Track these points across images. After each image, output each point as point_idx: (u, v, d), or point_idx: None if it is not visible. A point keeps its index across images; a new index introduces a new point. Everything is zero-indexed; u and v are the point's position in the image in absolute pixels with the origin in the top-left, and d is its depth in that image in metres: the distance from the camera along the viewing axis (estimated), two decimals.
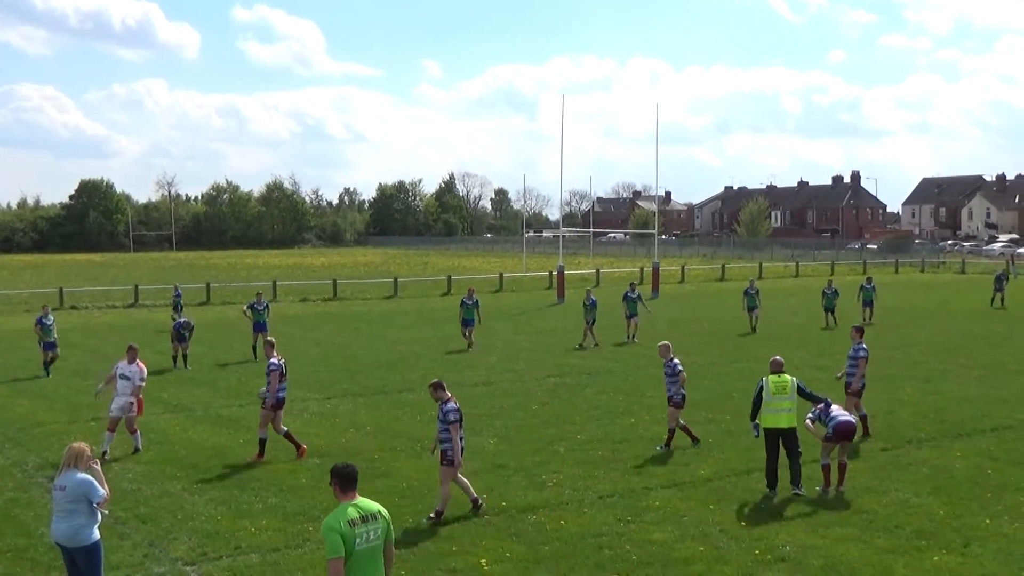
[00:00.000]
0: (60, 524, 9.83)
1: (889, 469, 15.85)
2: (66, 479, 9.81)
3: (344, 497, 8.30)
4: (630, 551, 12.05)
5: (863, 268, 77.88)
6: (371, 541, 8.07)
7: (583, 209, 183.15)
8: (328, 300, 54.49)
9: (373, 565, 8.06)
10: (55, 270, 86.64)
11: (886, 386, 23.51)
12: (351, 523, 8.03)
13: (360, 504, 8.25)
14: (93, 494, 9.80)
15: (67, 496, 9.76)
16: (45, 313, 28.04)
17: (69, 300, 51.52)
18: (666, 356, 17.98)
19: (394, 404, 22.07)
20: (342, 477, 8.39)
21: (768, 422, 14.63)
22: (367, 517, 8.16)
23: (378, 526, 8.19)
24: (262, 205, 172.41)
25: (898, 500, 14.10)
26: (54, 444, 18.21)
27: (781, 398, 14.64)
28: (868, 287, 39.15)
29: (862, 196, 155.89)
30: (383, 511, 8.34)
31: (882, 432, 18.51)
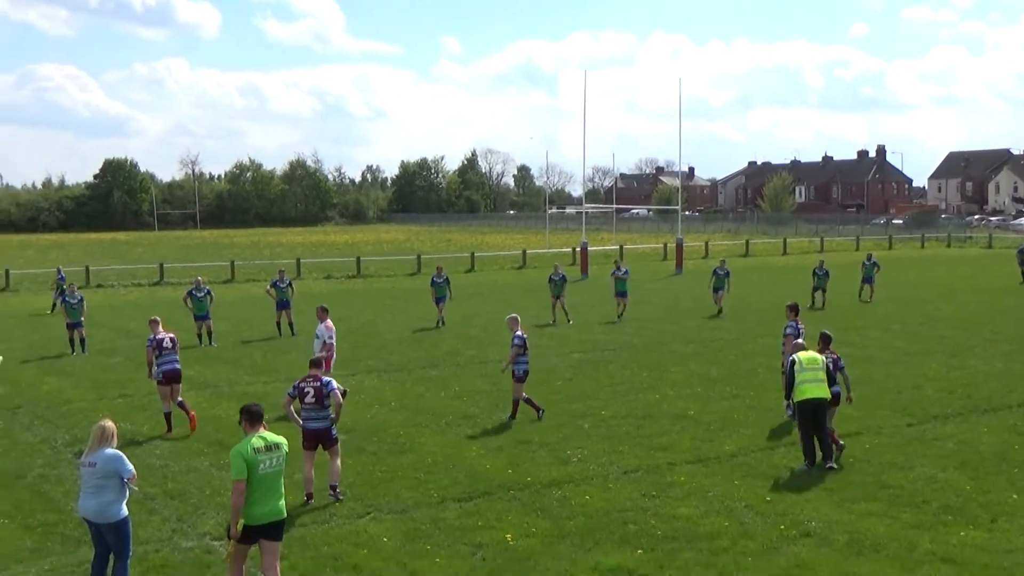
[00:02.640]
0: (89, 500, 9.92)
1: (915, 444, 15.79)
2: (96, 456, 9.90)
3: (251, 430, 9.73)
4: (655, 526, 12.07)
5: (888, 243, 77.47)
6: (273, 467, 9.60)
7: (606, 185, 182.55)
8: (352, 277, 54.63)
9: (274, 487, 9.60)
10: (81, 249, 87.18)
11: (912, 361, 23.40)
12: (255, 450, 9.53)
13: (264, 436, 9.71)
14: (123, 470, 9.89)
15: (97, 472, 9.85)
16: (71, 291, 28.18)
17: (95, 279, 51.86)
18: (514, 329, 18.33)
19: (418, 380, 22.13)
20: (250, 414, 9.85)
21: (803, 394, 14.62)
22: (271, 447, 9.64)
23: (279, 455, 9.68)
24: (285, 183, 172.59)
25: (924, 475, 14.05)
26: (82, 421, 18.37)
27: (813, 370, 14.69)
28: (868, 264, 38.47)
29: (887, 170, 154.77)
30: (283, 442, 9.83)
31: (908, 407, 18.45)
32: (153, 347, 17.76)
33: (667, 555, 11.10)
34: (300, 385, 13.17)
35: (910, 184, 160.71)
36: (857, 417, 17.57)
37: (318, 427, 13.14)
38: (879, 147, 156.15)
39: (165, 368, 17.64)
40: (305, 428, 13.17)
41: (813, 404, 14.57)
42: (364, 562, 11.06)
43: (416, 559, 11.13)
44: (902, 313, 33.24)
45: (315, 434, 13.16)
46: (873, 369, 22.36)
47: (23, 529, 12.49)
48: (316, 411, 13.11)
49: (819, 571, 10.56)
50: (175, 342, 18.01)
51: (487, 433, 17.02)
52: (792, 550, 11.19)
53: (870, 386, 20.42)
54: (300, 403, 13.18)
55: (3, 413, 19.53)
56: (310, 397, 13.07)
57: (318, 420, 13.13)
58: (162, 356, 17.67)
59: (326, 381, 13.21)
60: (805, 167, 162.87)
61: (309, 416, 13.15)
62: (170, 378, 17.67)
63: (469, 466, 14.89)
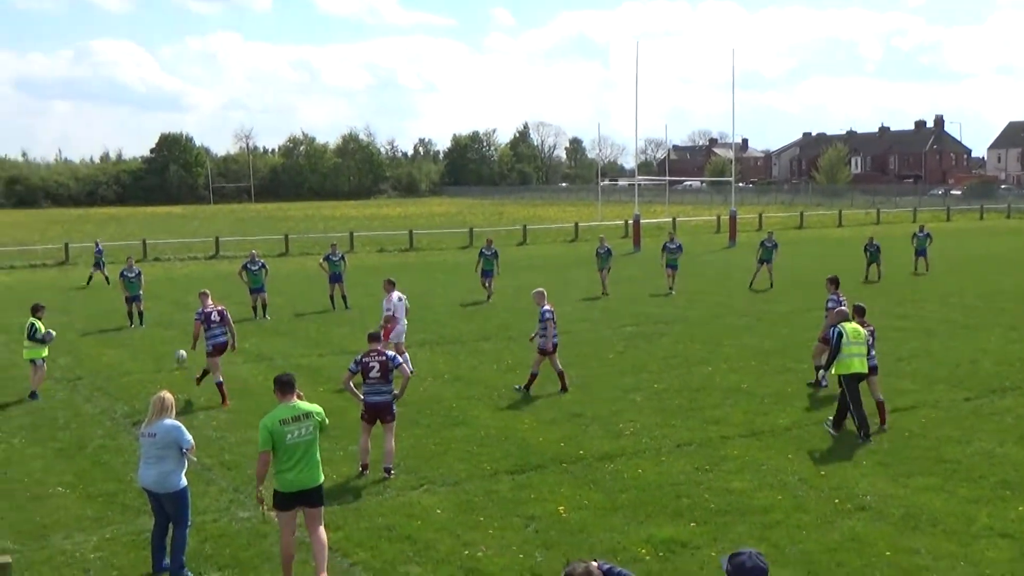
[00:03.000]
0: (149, 470, 10.10)
1: (972, 418, 15.61)
2: (156, 426, 10.08)
3: (282, 399, 9.90)
4: (708, 499, 12.05)
5: (946, 215, 76.39)
6: (303, 436, 9.75)
7: (659, 157, 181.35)
8: (405, 251, 54.85)
9: (306, 456, 9.75)
10: (138, 223, 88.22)
11: (969, 335, 23.10)
12: (282, 421, 9.70)
13: (295, 405, 9.86)
14: (182, 440, 10.07)
15: (157, 443, 10.03)
16: (129, 265, 28.53)
17: (152, 252, 52.51)
18: (540, 303, 18.28)
19: (471, 353, 22.21)
20: (281, 384, 10.00)
21: (851, 367, 14.61)
22: (299, 416, 9.78)
23: (309, 424, 9.81)
24: (338, 157, 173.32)
25: (982, 450, 13.89)
26: (140, 393, 18.66)
27: (859, 344, 14.75)
28: (921, 235, 37.99)
29: (946, 141, 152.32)
30: (315, 409, 9.97)
31: (965, 381, 18.23)
32: (201, 320, 18.19)
33: (720, 528, 11.09)
34: (364, 360, 13.17)
35: (969, 154, 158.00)
36: (914, 391, 17.42)
37: (379, 400, 13.20)
38: (937, 117, 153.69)
39: (215, 341, 18.02)
40: (366, 401, 13.24)
41: (860, 377, 14.67)
42: (417, 533, 11.16)
43: (469, 531, 11.21)
44: (960, 286, 32.79)
45: (376, 407, 13.22)
46: (930, 342, 22.12)
47: (84, 498, 12.74)
48: (380, 385, 13.16)
49: (874, 545, 10.49)
50: (223, 315, 18.37)
51: (539, 406, 17.06)
52: (846, 524, 11.13)
53: (927, 360, 20.22)
54: (363, 378, 13.18)
55: (65, 384, 19.90)
56: (375, 372, 13.09)
57: (380, 394, 13.19)
58: (211, 329, 18.06)
59: (391, 356, 13.31)
60: (861, 138, 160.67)
61: (372, 390, 13.19)
62: (219, 350, 18.05)
63: (522, 439, 14.95)
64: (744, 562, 5.25)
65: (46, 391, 19.09)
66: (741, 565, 5.25)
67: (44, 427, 16.46)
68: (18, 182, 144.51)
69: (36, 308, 19.18)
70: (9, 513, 12.21)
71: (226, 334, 18.27)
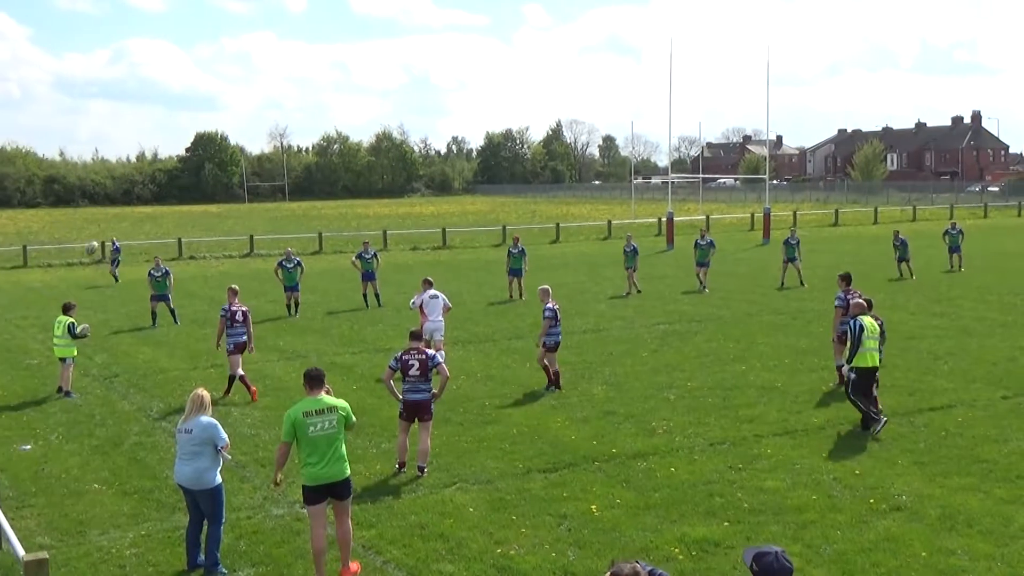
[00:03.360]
0: (184, 467, 10.19)
1: (1010, 417, 15.45)
2: (192, 423, 10.18)
3: (310, 393, 10.11)
4: (741, 499, 11.99)
5: (984, 211, 75.63)
6: (325, 430, 9.89)
7: (692, 154, 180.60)
8: (438, 248, 54.95)
9: (329, 449, 9.87)
10: (173, 221, 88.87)
11: (1007, 332, 22.86)
12: (305, 414, 9.91)
13: (321, 399, 10.04)
14: (218, 438, 10.16)
15: (193, 439, 10.12)
16: (156, 264, 28.61)
17: (187, 250, 52.87)
18: (544, 300, 18.33)
19: (504, 351, 22.21)
20: (309, 378, 10.22)
21: (867, 361, 14.87)
22: (323, 410, 9.95)
23: (333, 418, 9.96)
24: (372, 155, 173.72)
25: (1019, 449, 13.75)
26: (176, 390, 18.82)
27: (873, 338, 15.00)
28: (954, 232, 37.45)
29: (983, 137, 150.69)
30: (340, 404, 10.11)
31: (1003, 379, 18.05)
32: (226, 318, 18.40)
33: (753, 528, 11.03)
34: (403, 357, 13.21)
35: (1007, 151, 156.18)
36: (950, 390, 17.27)
37: (418, 399, 13.25)
38: (974, 112, 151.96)
39: (236, 340, 18.31)
40: (405, 399, 13.30)
41: (874, 371, 14.97)
42: (450, 531, 11.18)
43: (502, 529, 11.21)
44: (997, 283, 32.45)
45: (415, 405, 13.27)
46: (967, 341, 21.91)
47: (120, 495, 12.85)
48: (419, 383, 13.22)
49: (910, 546, 10.40)
50: (247, 315, 18.59)
51: (572, 404, 17.03)
52: (882, 524, 11.04)
53: (964, 358, 20.03)
54: (403, 375, 13.24)
55: (102, 382, 20.09)
56: (415, 370, 13.14)
57: (419, 392, 13.25)
58: (233, 328, 18.31)
59: (431, 355, 13.37)
60: (897, 134, 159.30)
61: (411, 388, 13.25)
62: (240, 348, 18.34)
63: (554, 437, 14.94)
64: (771, 563, 5.20)
65: (83, 388, 19.29)
66: (769, 566, 5.19)
67: (81, 424, 16.62)
68: (56, 181, 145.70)
69: (69, 307, 19.38)
70: (46, 510, 12.34)
71: (247, 334, 18.48)
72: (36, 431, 16.23)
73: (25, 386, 19.82)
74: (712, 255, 33.30)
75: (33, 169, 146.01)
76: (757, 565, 5.22)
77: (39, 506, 12.48)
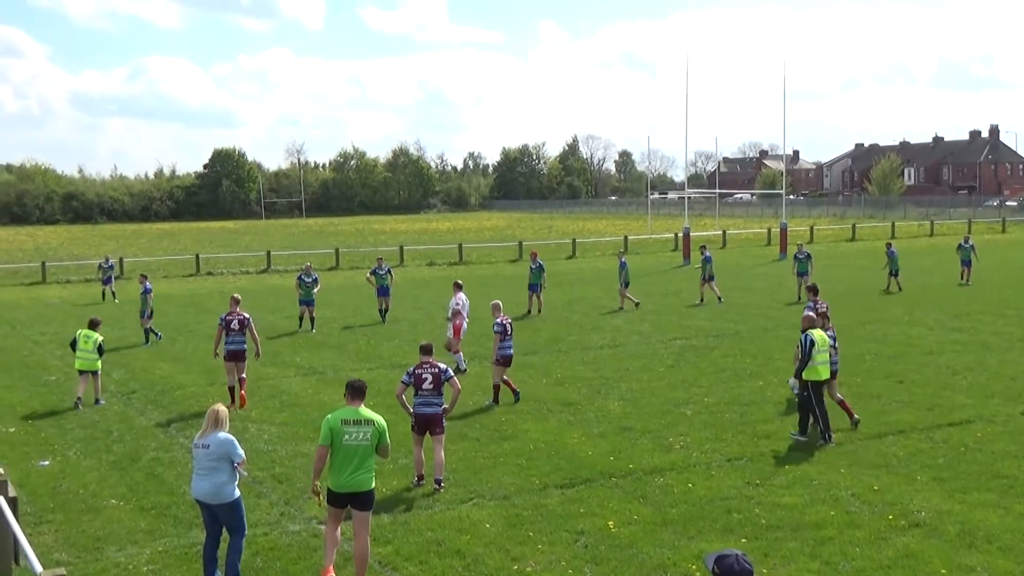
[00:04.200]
0: (202, 482, 10.21)
1: None
2: (209, 438, 10.22)
3: (350, 403, 10.31)
4: (759, 515, 11.94)
5: (1002, 226, 75.32)
6: (359, 441, 10.05)
7: (709, 170, 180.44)
8: (454, 264, 55.00)
9: (358, 460, 10.03)
10: (191, 237, 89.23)
11: None
12: (343, 421, 10.09)
13: (359, 411, 10.22)
14: (234, 453, 10.21)
15: (210, 454, 10.16)
16: (141, 281, 28.87)
17: (205, 266, 53.05)
18: (495, 315, 18.75)
19: (520, 366, 22.15)
20: (352, 388, 10.42)
21: (818, 375, 15.21)
22: (359, 421, 10.12)
23: (368, 430, 10.10)
24: (388, 171, 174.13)
25: None
26: (193, 406, 18.86)
27: (824, 352, 15.30)
28: (966, 246, 37.87)
29: (1001, 151, 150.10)
30: (377, 420, 10.21)
31: (1022, 394, 17.94)
32: (223, 327, 18.90)
33: (771, 544, 10.98)
34: (416, 372, 13.32)
35: None
36: (969, 405, 17.17)
37: (431, 412, 13.32)
38: (992, 127, 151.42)
39: (230, 348, 18.79)
40: (417, 413, 13.35)
41: (824, 383, 15.33)
42: (467, 547, 11.15)
43: (518, 545, 11.18)
44: (1016, 298, 32.29)
45: (427, 419, 13.33)
46: (986, 356, 21.80)
47: (138, 511, 12.87)
48: (432, 397, 13.31)
49: (929, 562, 10.33)
50: (243, 324, 18.94)
51: (589, 420, 17.00)
52: (901, 541, 10.97)
53: (983, 373, 19.92)
54: (416, 389, 13.32)
55: (119, 397, 20.14)
56: (428, 384, 13.25)
57: (431, 406, 13.33)
58: (229, 336, 18.81)
59: (444, 368, 13.42)
60: (914, 148, 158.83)
61: (424, 402, 13.32)
62: (234, 356, 18.79)
63: (571, 453, 14.91)
64: (732, 564, 5.23)
65: (100, 406, 19.35)
66: (729, 568, 5.23)
67: (98, 440, 16.66)
68: (74, 198, 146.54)
69: (97, 323, 19.93)
70: (64, 525, 12.37)
71: (242, 343, 18.90)
72: (54, 447, 16.28)
73: (43, 402, 19.89)
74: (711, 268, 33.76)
75: (52, 186, 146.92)
76: (719, 567, 5.25)
77: (57, 522, 12.50)
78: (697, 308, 31.96)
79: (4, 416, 18.69)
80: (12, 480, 11.41)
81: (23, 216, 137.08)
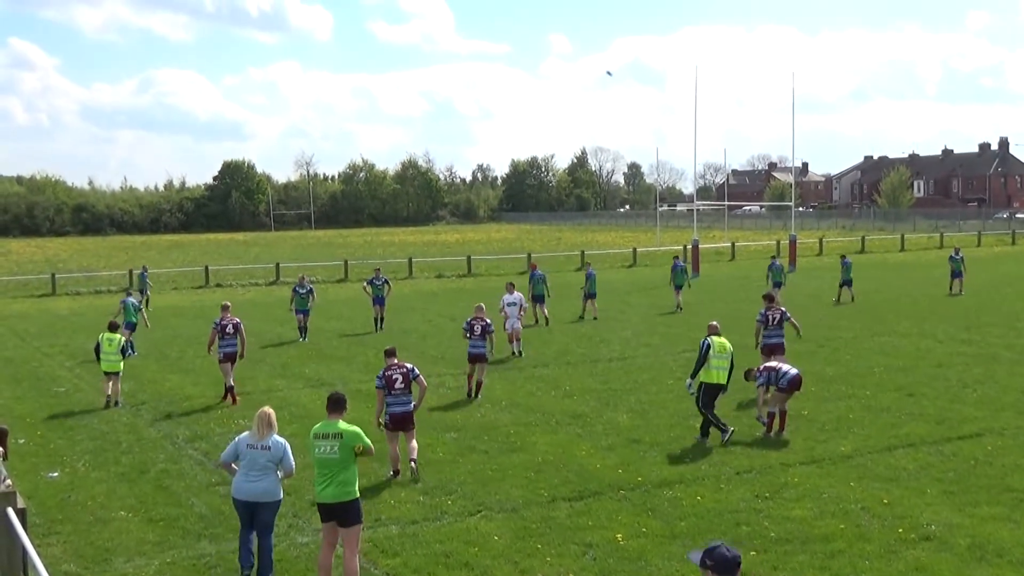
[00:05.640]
0: (255, 483, 10.58)
1: None
2: (269, 440, 10.68)
3: (328, 416, 10.51)
4: (768, 527, 11.90)
5: (1011, 238, 75.19)
6: (327, 454, 10.22)
7: (718, 182, 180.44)
8: (463, 276, 55.02)
9: (331, 472, 10.17)
10: (200, 249, 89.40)
11: None
12: (315, 435, 10.38)
13: (331, 423, 10.39)
14: (288, 463, 10.72)
15: (272, 456, 10.65)
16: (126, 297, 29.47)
17: (214, 278, 53.15)
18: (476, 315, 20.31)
19: (529, 379, 22.18)
20: (329, 401, 10.68)
21: (712, 377, 16.12)
22: (327, 435, 10.30)
23: (335, 444, 10.23)
24: (397, 183, 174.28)
25: None
26: (202, 418, 18.89)
27: (721, 357, 16.22)
28: (956, 258, 38.46)
29: (1011, 163, 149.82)
30: (347, 430, 10.33)
31: None
32: (217, 330, 20.47)
33: (780, 557, 10.94)
34: (387, 374, 14.24)
35: None
36: (979, 418, 17.11)
37: (404, 412, 14.26)
38: (1001, 139, 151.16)
39: (225, 350, 20.31)
40: (392, 412, 14.20)
41: (718, 388, 16.14)
42: (475, 560, 11.13)
43: (527, 558, 11.16)
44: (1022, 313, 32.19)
45: (401, 417, 14.25)
46: (996, 368, 21.73)
47: (146, 523, 12.88)
48: (404, 395, 14.28)
49: None
50: (237, 328, 20.50)
51: (597, 432, 16.98)
52: (911, 554, 10.93)
53: (993, 386, 19.86)
54: (389, 390, 14.24)
55: (128, 409, 20.17)
56: (399, 383, 14.23)
57: (404, 405, 14.29)
58: (224, 339, 20.34)
59: (411, 368, 14.41)
60: (924, 161, 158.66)
61: (396, 401, 14.25)
62: (229, 357, 20.31)
63: (580, 465, 14.88)
64: (724, 553, 5.43)
65: (110, 416, 19.40)
66: (723, 556, 5.41)
67: (108, 451, 16.69)
68: (85, 210, 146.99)
69: (117, 326, 21.41)
70: (72, 537, 12.38)
71: (235, 345, 20.37)
72: (63, 459, 16.31)
73: (53, 414, 19.93)
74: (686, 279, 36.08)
75: (62, 198, 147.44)
76: (711, 559, 5.41)
77: (65, 533, 12.52)
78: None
79: (13, 427, 18.64)
80: (21, 491, 11.41)
81: (33, 228, 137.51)
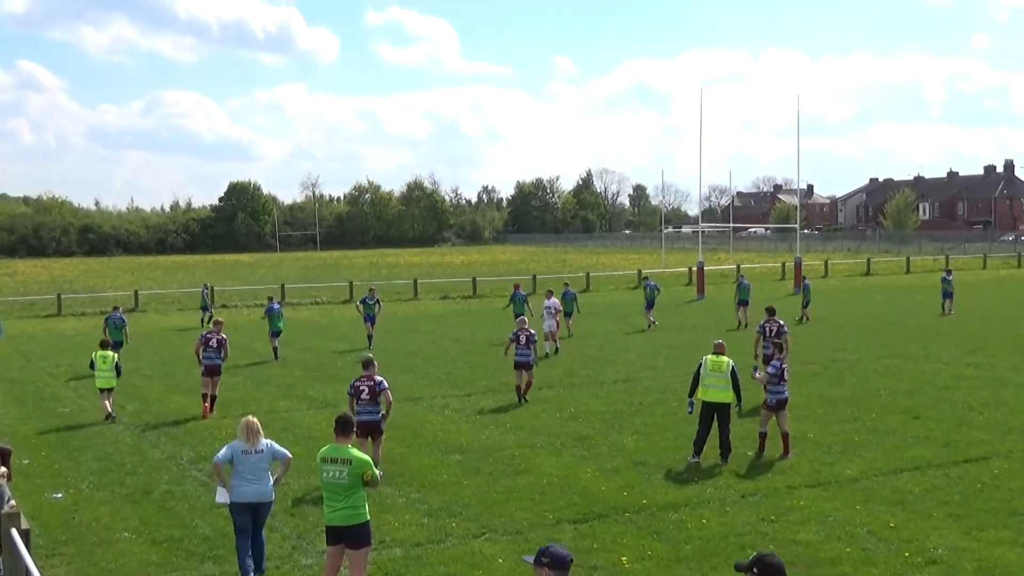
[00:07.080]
0: (256, 485, 11.17)
1: None
2: (261, 444, 11.25)
3: (336, 440, 10.41)
4: (774, 551, 11.82)
5: (1017, 261, 75.11)
6: (336, 479, 10.10)
7: (723, 204, 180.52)
8: (468, 298, 55.01)
9: (337, 498, 10.10)
10: (205, 270, 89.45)
11: None
12: (323, 459, 10.29)
13: (339, 448, 10.27)
14: (281, 453, 11.39)
15: (265, 457, 11.23)
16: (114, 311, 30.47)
17: (220, 298, 53.16)
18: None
19: (533, 401, 22.13)
20: (337, 423, 10.56)
21: (705, 396, 16.24)
22: (336, 460, 10.18)
23: (344, 469, 10.09)
24: (403, 204, 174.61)
25: None
26: (207, 439, 18.86)
27: (716, 375, 16.31)
28: (947, 279, 39.27)
29: (1016, 186, 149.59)
30: (356, 458, 10.17)
31: None
32: (201, 343, 21.71)
33: None
34: (356, 384, 15.42)
35: None
36: (986, 441, 17.05)
37: (370, 420, 15.24)
38: (1007, 162, 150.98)
39: (207, 363, 21.40)
40: (359, 420, 14.79)
41: (714, 406, 16.14)
42: None
43: None
44: None
45: (367, 425, 15.16)
46: (1002, 392, 21.66)
47: (150, 544, 12.85)
48: (369, 406, 15.29)
49: None
50: (221, 343, 21.60)
51: (602, 455, 16.93)
52: None
53: (1000, 409, 19.80)
54: (356, 400, 15.35)
55: (132, 430, 20.16)
56: (365, 394, 15.28)
57: (370, 414, 15.29)
58: (207, 352, 21.45)
59: (379, 381, 15.32)
60: (929, 183, 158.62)
61: (363, 410, 15.26)
62: (210, 371, 21.37)
63: (584, 488, 14.84)
64: (773, 560, 5.53)
65: (114, 437, 19.38)
66: (772, 564, 5.50)
67: (112, 472, 16.67)
68: (91, 230, 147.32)
69: (108, 343, 21.94)
70: (76, 558, 12.35)
71: (216, 359, 21.44)
72: (67, 479, 16.29)
73: (57, 434, 19.93)
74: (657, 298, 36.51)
75: (68, 218, 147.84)
76: (758, 568, 5.48)
77: (69, 554, 12.49)
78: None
79: (18, 448, 18.63)
80: (25, 512, 11.38)
81: (39, 248, 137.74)
